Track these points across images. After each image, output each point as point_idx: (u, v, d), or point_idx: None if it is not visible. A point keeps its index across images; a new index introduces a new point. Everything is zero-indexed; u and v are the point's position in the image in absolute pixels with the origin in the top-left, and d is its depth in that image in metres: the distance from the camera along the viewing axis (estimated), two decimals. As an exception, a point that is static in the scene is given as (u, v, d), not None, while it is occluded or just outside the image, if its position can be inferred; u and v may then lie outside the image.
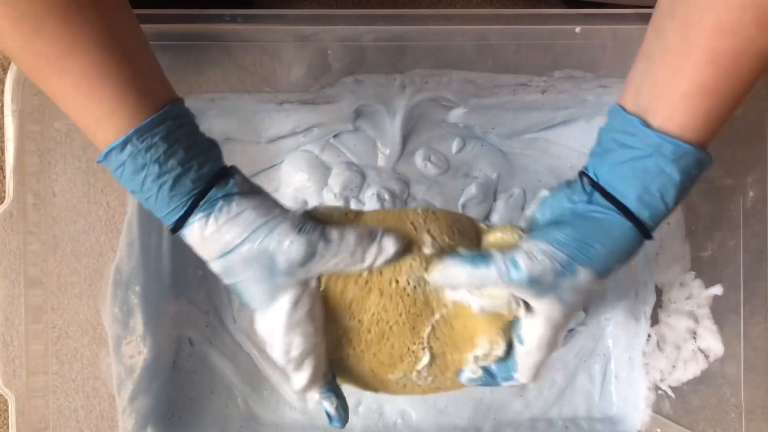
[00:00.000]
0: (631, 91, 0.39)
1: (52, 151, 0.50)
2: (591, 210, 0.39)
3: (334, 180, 0.59)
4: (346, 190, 0.58)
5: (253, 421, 0.60)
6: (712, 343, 0.54)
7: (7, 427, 0.49)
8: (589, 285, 0.39)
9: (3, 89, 0.50)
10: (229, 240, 0.37)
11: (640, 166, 0.37)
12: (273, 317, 0.39)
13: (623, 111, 0.39)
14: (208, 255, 0.39)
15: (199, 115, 0.41)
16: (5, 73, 0.48)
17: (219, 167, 0.39)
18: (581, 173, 0.41)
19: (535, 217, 0.42)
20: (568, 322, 0.41)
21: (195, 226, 0.37)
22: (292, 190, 0.60)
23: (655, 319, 0.59)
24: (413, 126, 0.60)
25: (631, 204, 0.38)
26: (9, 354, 0.49)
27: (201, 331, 0.60)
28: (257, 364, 0.60)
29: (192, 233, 0.38)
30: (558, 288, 0.38)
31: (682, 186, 0.37)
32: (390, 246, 0.39)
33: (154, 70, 0.38)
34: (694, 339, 0.55)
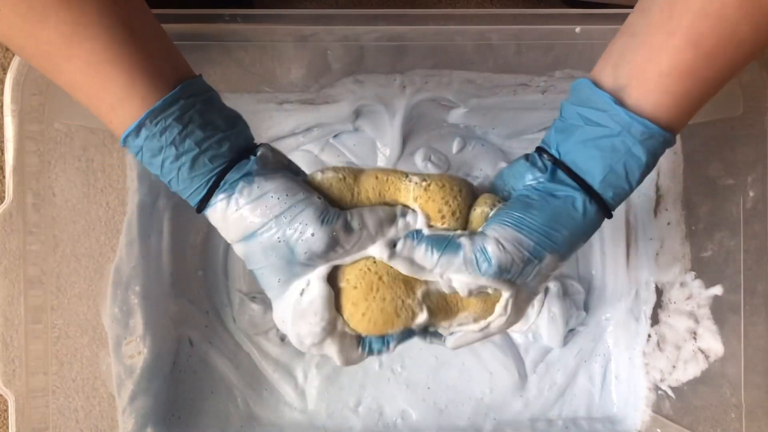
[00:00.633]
0: (608, 66, 0.38)
1: (52, 151, 0.50)
2: (556, 190, 0.38)
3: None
4: (346, 190, 0.58)
5: (253, 421, 0.60)
6: (712, 343, 0.54)
7: (7, 427, 0.49)
8: (552, 269, 0.38)
9: (3, 89, 0.50)
10: (249, 224, 0.37)
11: (607, 145, 0.37)
12: (284, 307, 0.39)
13: (594, 86, 0.38)
14: (230, 237, 0.38)
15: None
16: (5, 73, 0.48)
17: (241, 144, 0.38)
18: (540, 149, 0.40)
19: (495, 184, 0.42)
20: (528, 305, 0.40)
21: (217, 207, 0.37)
22: (292, 190, 0.60)
23: (655, 319, 0.59)
24: (413, 126, 0.60)
25: (596, 184, 0.37)
26: (9, 354, 0.49)
27: (201, 331, 0.60)
28: (257, 364, 0.60)
29: (214, 214, 0.37)
30: (523, 274, 0.38)
31: (647, 167, 0.37)
32: (410, 225, 0.39)
33: (166, 50, 0.37)
34: (694, 339, 0.55)
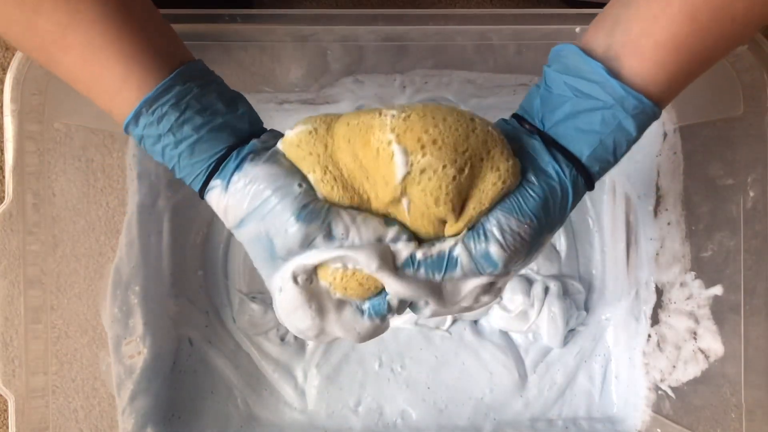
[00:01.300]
0: (600, 34, 0.36)
1: (52, 151, 0.50)
2: (545, 164, 0.36)
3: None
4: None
5: (253, 421, 0.60)
6: (712, 343, 0.54)
7: (7, 427, 0.49)
8: (544, 246, 0.37)
9: (2, 89, 0.50)
10: (238, 212, 0.36)
11: (597, 119, 0.35)
12: (276, 303, 0.37)
13: (584, 54, 0.36)
14: (227, 224, 0.37)
15: (199, 115, 0.41)
16: (5, 73, 0.48)
17: (244, 128, 0.38)
18: (519, 117, 0.38)
19: None
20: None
21: (213, 194, 0.36)
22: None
23: (655, 319, 0.59)
24: (413, 126, 0.60)
25: (584, 158, 0.36)
26: (9, 354, 0.49)
27: (201, 331, 0.60)
28: (257, 364, 0.60)
29: (211, 200, 0.37)
30: (526, 265, 0.37)
31: (634, 141, 0.36)
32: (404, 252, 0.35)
33: (163, 36, 0.37)
34: (695, 339, 0.55)
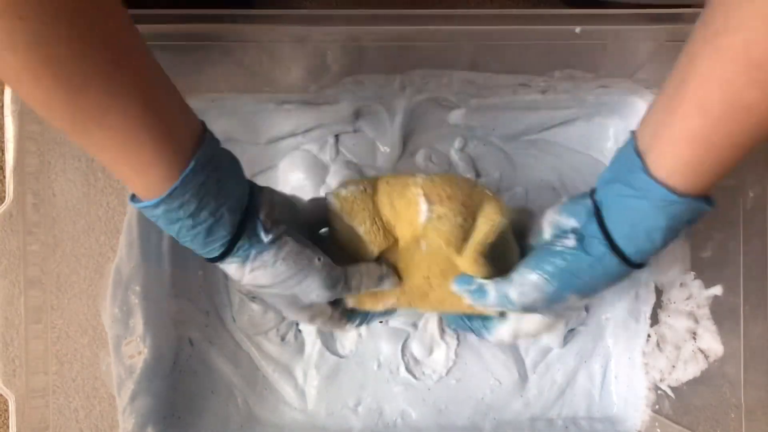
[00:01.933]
0: (643, 122, 0.40)
1: (52, 151, 0.50)
2: (585, 237, 0.41)
3: (332, 178, 0.59)
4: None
5: (253, 421, 0.60)
6: (712, 343, 0.54)
7: (7, 427, 0.49)
8: (577, 303, 0.43)
9: (3, 89, 0.50)
10: (261, 282, 0.42)
11: (633, 205, 0.38)
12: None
13: (631, 143, 0.40)
14: (241, 283, 0.43)
15: (200, 115, 0.41)
16: (5, 73, 0.48)
17: (245, 201, 0.41)
18: (592, 190, 0.43)
19: (542, 234, 0.45)
20: (555, 323, 0.46)
21: (231, 267, 0.41)
22: (289, 189, 0.59)
23: (655, 319, 0.59)
24: (413, 126, 0.60)
25: (619, 239, 0.39)
26: (9, 354, 0.49)
27: (201, 331, 0.60)
28: (257, 364, 0.60)
29: (228, 270, 0.42)
30: (551, 310, 0.44)
31: (668, 229, 0.38)
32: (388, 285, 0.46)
33: (183, 116, 0.39)
34: (694, 339, 0.55)
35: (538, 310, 0.44)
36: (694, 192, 0.37)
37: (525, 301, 0.42)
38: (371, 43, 0.52)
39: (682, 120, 0.35)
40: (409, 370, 0.61)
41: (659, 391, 0.58)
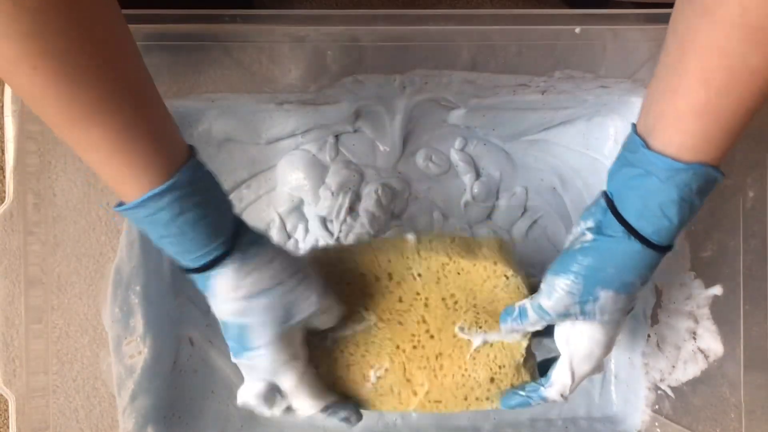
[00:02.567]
0: (642, 110, 0.40)
1: (52, 151, 0.50)
2: (605, 229, 0.41)
3: (332, 178, 0.59)
4: (344, 188, 0.58)
5: (253, 421, 0.60)
6: (712, 343, 0.54)
7: (8, 427, 0.49)
8: (615, 304, 0.41)
9: (3, 89, 0.50)
10: (258, 287, 0.41)
11: (640, 184, 0.38)
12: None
13: (633, 130, 0.40)
14: (236, 294, 0.41)
15: (199, 115, 0.41)
16: (5, 74, 0.48)
17: (229, 225, 0.41)
18: (603, 191, 0.43)
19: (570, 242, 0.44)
20: (608, 339, 0.44)
21: (225, 276, 0.40)
22: (288, 189, 0.60)
23: (655, 319, 0.59)
24: (413, 127, 0.60)
25: (635, 221, 0.39)
26: (9, 354, 0.49)
27: (201, 331, 0.60)
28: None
29: (217, 283, 0.40)
30: (587, 313, 0.42)
31: (682, 201, 0.38)
32: None
33: (170, 127, 0.39)
34: (694, 339, 0.55)
35: (577, 317, 0.42)
36: (705, 161, 0.37)
37: (558, 308, 0.42)
38: (371, 43, 0.52)
39: (685, 95, 0.35)
40: None
41: (659, 391, 0.58)
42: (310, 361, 0.46)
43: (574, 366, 0.45)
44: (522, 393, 0.48)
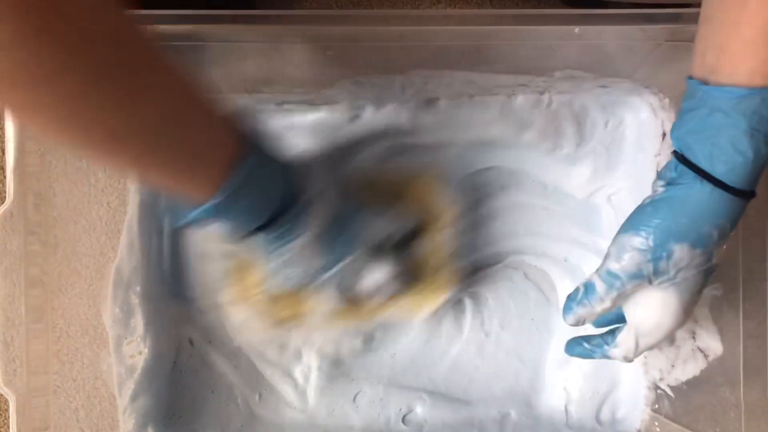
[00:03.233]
0: (696, 58, 0.39)
1: (53, 151, 0.50)
2: (676, 180, 0.39)
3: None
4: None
5: (253, 421, 0.60)
6: (712, 342, 0.54)
7: (8, 427, 0.49)
8: (690, 260, 0.39)
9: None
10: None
11: (705, 124, 0.37)
12: None
13: (690, 81, 0.39)
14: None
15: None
16: (5, 74, 0.48)
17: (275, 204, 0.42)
18: (673, 150, 0.41)
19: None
20: (682, 308, 0.41)
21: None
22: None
23: (654, 319, 0.59)
24: (413, 126, 0.60)
25: (706, 163, 0.37)
26: (9, 354, 0.49)
27: (201, 331, 0.60)
28: (257, 364, 0.60)
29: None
30: (660, 272, 0.39)
31: (754, 131, 0.36)
32: None
33: (226, 124, 0.40)
34: (694, 338, 0.55)
35: (650, 278, 0.40)
36: None
37: (629, 268, 0.39)
38: (371, 44, 0.52)
39: (750, 23, 0.34)
40: None
41: (659, 391, 0.58)
42: None
43: (638, 337, 0.42)
44: (587, 345, 0.46)
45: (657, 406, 0.58)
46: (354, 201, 0.50)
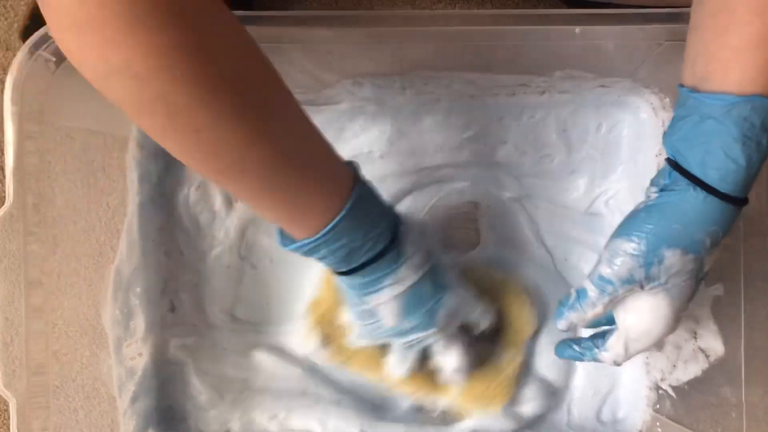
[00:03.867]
0: (687, 66, 0.39)
1: (52, 151, 0.50)
2: (669, 187, 0.39)
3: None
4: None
5: (253, 422, 0.59)
6: (713, 342, 0.54)
7: (8, 428, 0.49)
8: (682, 265, 0.39)
9: (3, 90, 0.50)
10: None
11: (697, 132, 0.37)
12: None
13: (681, 89, 0.39)
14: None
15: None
16: (5, 74, 0.48)
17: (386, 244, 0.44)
18: (666, 157, 0.41)
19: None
20: (672, 314, 0.41)
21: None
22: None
23: (655, 319, 0.59)
24: (413, 127, 0.60)
25: (699, 170, 0.37)
26: (9, 355, 0.49)
27: (201, 332, 0.60)
28: (257, 364, 0.60)
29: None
30: (652, 277, 0.39)
31: (746, 139, 0.36)
32: None
33: (337, 160, 0.42)
34: (695, 339, 0.55)
35: (642, 282, 0.40)
36: (764, 94, 0.35)
37: (621, 273, 0.40)
38: (371, 44, 0.52)
39: (738, 31, 0.34)
40: None
41: (660, 391, 0.58)
42: None
43: (628, 342, 0.43)
44: (577, 348, 0.47)
45: (658, 406, 0.58)
46: (452, 275, 0.50)
